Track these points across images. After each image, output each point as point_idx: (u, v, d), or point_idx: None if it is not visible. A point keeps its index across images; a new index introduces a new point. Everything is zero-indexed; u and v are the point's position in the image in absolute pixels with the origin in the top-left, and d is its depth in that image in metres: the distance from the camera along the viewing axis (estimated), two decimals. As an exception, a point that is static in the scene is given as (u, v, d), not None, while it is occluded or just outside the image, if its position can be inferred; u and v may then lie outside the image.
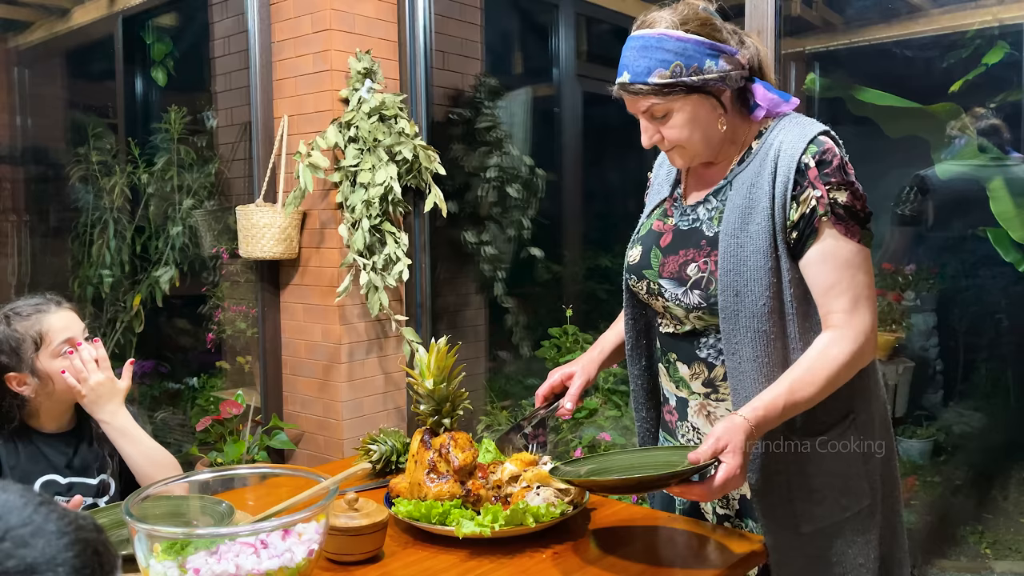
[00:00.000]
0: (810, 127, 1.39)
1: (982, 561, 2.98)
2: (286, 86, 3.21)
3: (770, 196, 1.36)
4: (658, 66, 1.35)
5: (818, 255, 1.35)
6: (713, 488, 1.23)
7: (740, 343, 1.37)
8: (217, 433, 3.20)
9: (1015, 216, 2.93)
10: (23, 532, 0.59)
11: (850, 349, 1.32)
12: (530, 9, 4.63)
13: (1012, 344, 3.34)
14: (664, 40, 1.35)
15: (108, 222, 4.22)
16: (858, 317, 1.33)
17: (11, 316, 1.73)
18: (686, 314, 1.45)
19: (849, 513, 1.41)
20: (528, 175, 3.83)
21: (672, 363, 1.53)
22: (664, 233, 1.51)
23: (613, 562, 1.30)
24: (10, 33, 5.07)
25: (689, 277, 1.42)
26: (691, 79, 1.35)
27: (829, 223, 1.33)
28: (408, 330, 3.12)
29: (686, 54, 1.35)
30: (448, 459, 1.42)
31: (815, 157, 1.35)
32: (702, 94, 1.37)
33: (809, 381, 1.30)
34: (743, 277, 1.36)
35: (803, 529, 1.39)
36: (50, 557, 0.59)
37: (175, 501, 1.32)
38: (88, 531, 0.62)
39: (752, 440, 1.26)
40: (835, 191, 1.34)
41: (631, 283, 1.55)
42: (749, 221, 1.37)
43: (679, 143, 1.41)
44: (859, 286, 1.34)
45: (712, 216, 1.45)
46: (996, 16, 3.14)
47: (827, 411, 1.39)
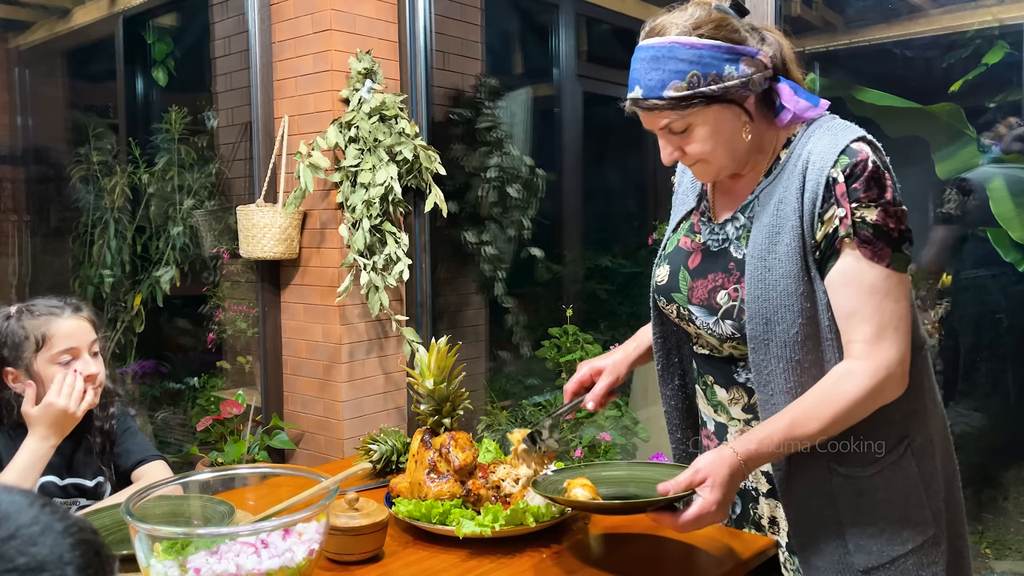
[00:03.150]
0: (843, 134, 1.26)
1: (982, 561, 2.98)
2: (286, 86, 3.21)
3: (798, 214, 1.25)
4: (673, 78, 1.23)
5: (840, 277, 1.23)
6: (684, 522, 1.17)
7: (772, 374, 1.27)
8: (217, 433, 3.21)
9: (1015, 216, 2.93)
10: (33, 531, 0.60)
11: (867, 385, 1.20)
12: (530, 9, 4.64)
13: (1012, 344, 3.34)
14: (676, 49, 1.23)
15: (109, 222, 4.22)
16: (882, 349, 1.21)
17: (24, 312, 1.73)
18: (720, 343, 1.36)
19: (912, 545, 1.29)
20: (528, 175, 3.83)
21: (709, 386, 1.43)
22: (692, 253, 1.41)
23: (613, 562, 1.30)
24: (10, 33, 5.08)
25: (720, 306, 1.33)
26: (710, 88, 1.23)
27: (853, 245, 1.22)
28: (408, 330, 3.13)
29: (702, 62, 1.23)
30: (448, 459, 1.42)
31: (845, 170, 1.22)
32: (724, 103, 1.25)
33: (814, 416, 1.20)
34: (772, 303, 1.26)
35: (860, 565, 1.29)
36: (58, 556, 0.59)
37: (175, 501, 1.32)
38: (88, 532, 0.63)
39: (739, 476, 1.18)
40: (863, 208, 1.21)
41: (660, 304, 1.46)
42: (777, 242, 1.26)
43: (702, 158, 1.30)
44: (886, 314, 1.21)
45: (740, 235, 1.34)
46: (996, 16, 3.14)
47: (879, 436, 1.29)
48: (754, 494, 1.43)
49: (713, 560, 1.30)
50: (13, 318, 1.72)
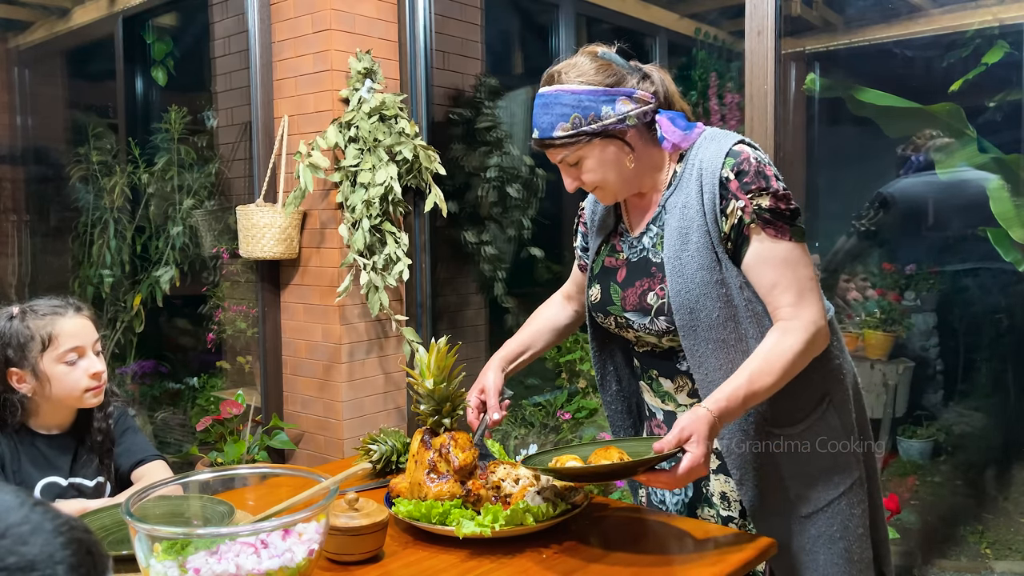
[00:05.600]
0: (725, 140, 1.45)
1: (982, 561, 2.98)
2: (286, 86, 3.21)
3: (701, 214, 1.43)
4: (559, 120, 1.43)
5: (755, 258, 1.41)
6: (678, 476, 1.28)
7: (703, 355, 1.44)
8: (217, 433, 3.21)
9: (1015, 216, 2.93)
10: (23, 530, 0.59)
11: (803, 338, 1.37)
12: (530, 9, 4.63)
13: (1012, 344, 3.34)
14: (561, 95, 1.43)
15: (108, 222, 4.22)
16: (806, 309, 1.39)
17: (27, 312, 1.74)
18: (658, 339, 1.52)
19: (843, 488, 1.48)
20: (528, 175, 3.83)
21: (655, 379, 1.59)
22: (618, 268, 1.57)
23: (613, 562, 1.30)
24: (10, 33, 5.08)
25: (651, 306, 1.49)
26: (590, 128, 1.42)
27: (758, 228, 1.40)
28: (408, 330, 3.12)
29: (581, 105, 1.41)
30: (448, 459, 1.42)
31: (733, 169, 1.41)
32: (605, 138, 1.43)
33: (767, 371, 1.35)
34: (693, 294, 1.43)
35: (802, 512, 1.47)
36: (49, 555, 0.59)
37: (175, 501, 1.32)
38: (80, 531, 0.63)
39: (715, 430, 1.31)
40: (757, 197, 1.39)
41: (598, 319, 1.61)
42: (688, 241, 1.44)
43: (597, 184, 1.48)
44: (801, 280, 1.40)
45: (655, 243, 1.51)
46: (996, 16, 3.14)
47: (804, 398, 1.47)
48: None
49: (713, 560, 1.30)
50: (17, 318, 1.73)
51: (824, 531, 1.47)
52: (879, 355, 3.49)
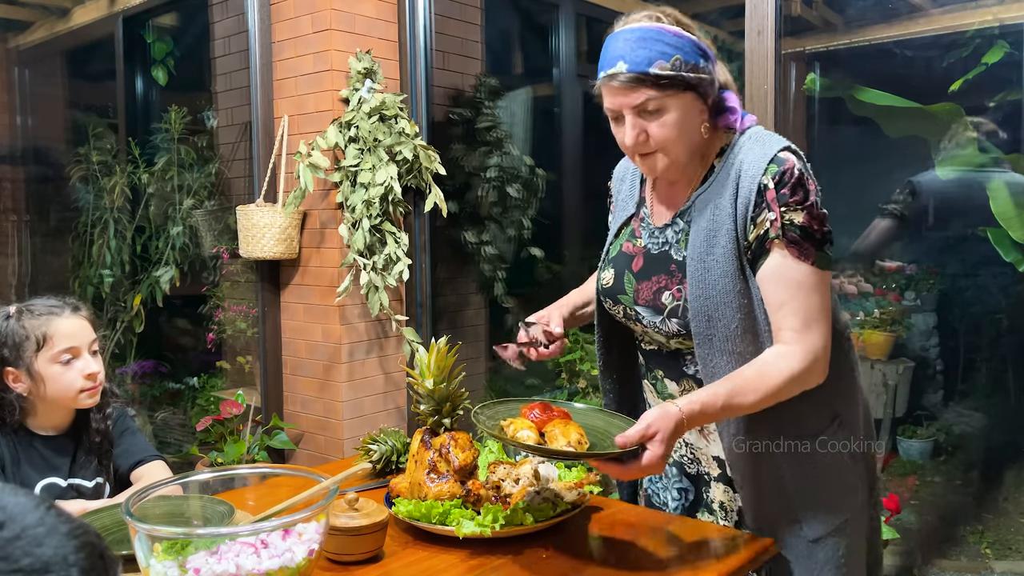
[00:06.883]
0: (771, 144, 1.37)
1: (982, 561, 2.98)
2: (286, 86, 3.21)
3: (732, 218, 1.36)
4: (659, 57, 1.30)
5: (771, 272, 1.34)
6: (631, 470, 1.22)
7: (716, 365, 1.37)
8: (217, 433, 3.20)
9: (1015, 216, 2.93)
10: (38, 532, 0.60)
11: (797, 367, 1.31)
12: (530, 9, 4.63)
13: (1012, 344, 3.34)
14: (664, 34, 1.32)
15: (108, 222, 4.22)
16: (809, 337, 1.32)
17: (24, 312, 1.74)
18: (667, 340, 1.46)
19: (850, 513, 1.43)
20: (528, 175, 3.83)
21: (660, 380, 1.53)
22: (635, 256, 1.50)
23: (613, 562, 1.30)
24: (10, 33, 5.08)
25: (665, 306, 1.42)
26: (689, 75, 1.32)
27: (781, 245, 1.32)
28: (408, 330, 3.12)
29: (684, 50, 1.32)
30: (448, 459, 1.42)
31: (774, 177, 1.33)
32: (695, 93, 1.34)
33: (752, 388, 1.29)
34: (713, 301, 1.36)
35: (810, 536, 1.40)
36: (63, 557, 0.59)
37: (175, 501, 1.32)
38: (92, 535, 0.63)
39: (681, 431, 1.24)
40: (791, 212, 1.32)
41: (607, 305, 1.55)
42: (714, 244, 1.37)
43: (664, 144, 1.36)
44: (812, 308, 1.32)
45: (679, 239, 1.44)
46: (996, 16, 3.15)
47: (814, 415, 1.41)
48: (706, 478, 1.51)
49: (713, 560, 1.30)
50: (13, 318, 1.72)
51: (831, 555, 1.40)
52: (879, 355, 3.49)
